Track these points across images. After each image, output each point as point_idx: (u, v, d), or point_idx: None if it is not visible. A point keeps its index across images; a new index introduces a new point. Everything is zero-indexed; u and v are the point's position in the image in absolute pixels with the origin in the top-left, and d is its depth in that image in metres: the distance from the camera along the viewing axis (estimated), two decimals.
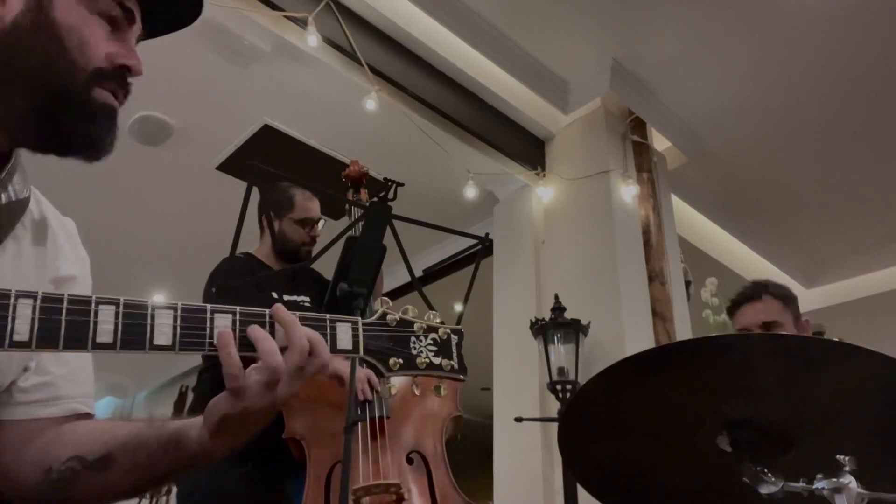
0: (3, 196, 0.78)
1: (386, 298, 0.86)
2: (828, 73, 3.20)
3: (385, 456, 1.70)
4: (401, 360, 0.82)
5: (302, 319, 0.76)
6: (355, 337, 0.79)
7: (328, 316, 0.78)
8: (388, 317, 0.83)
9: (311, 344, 0.73)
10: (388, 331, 0.83)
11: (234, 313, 0.74)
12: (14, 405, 0.81)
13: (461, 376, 0.86)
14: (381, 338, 0.81)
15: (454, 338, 0.87)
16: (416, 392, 1.08)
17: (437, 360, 0.84)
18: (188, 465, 0.78)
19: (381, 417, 1.76)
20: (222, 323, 0.73)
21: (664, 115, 3.50)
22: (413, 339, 0.84)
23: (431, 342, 0.85)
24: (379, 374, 0.81)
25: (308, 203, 2.20)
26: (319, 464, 1.72)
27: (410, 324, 0.84)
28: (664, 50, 3.13)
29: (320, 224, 2.22)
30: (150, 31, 0.87)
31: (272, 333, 0.73)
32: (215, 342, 0.71)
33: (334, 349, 0.77)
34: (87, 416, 0.87)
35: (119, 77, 0.80)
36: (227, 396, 0.72)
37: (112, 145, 0.80)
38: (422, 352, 0.84)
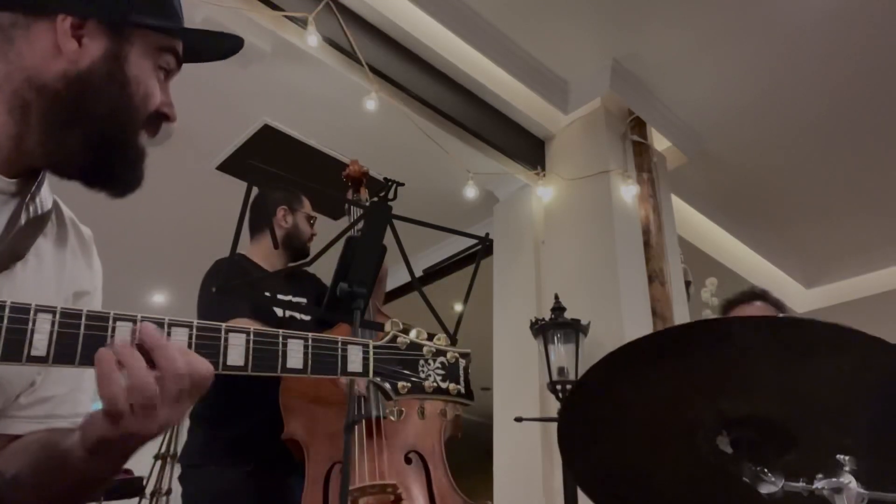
0: (30, 209, 0.79)
1: (396, 321, 0.86)
2: (828, 73, 3.20)
3: (382, 456, 1.69)
4: (409, 385, 0.83)
5: (315, 341, 0.76)
6: (366, 360, 0.80)
7: (340, 338, 0.79)
8: (399, 339, 0.84)
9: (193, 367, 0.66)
10: (398, 354, 0.83)
11: (248, 333, 0.72)
12: (9, 419, 0.81)
13: (467, 401, 0.87)
14: (391, 361, 0.82)
15: (462, 361, 0.88)
16: (422, 418, 1.07)
17: (444, 385, 0.85)
18: (83, 485, 0.74)
19: (378, 417, 1.74)
20: (235, 342, 0.71)
21: (664, 115, 3.50)
22: (422, 362, 0.85)
23: (439, 366, 0.86)
24: (387, 398, 0.82)
25: (308, 200, 2.30)
26: (318, 464, 1.71)
27: (420, 347, 0.85)
28: (664, 50, 3.13)
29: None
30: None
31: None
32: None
33: (345, 371, 0.78)
34: None
35: (158, 122, 0.85)
36: (103, 418, 0.66)
37: (140, 184, 0.84)
38: (430, 375, 0.85)
